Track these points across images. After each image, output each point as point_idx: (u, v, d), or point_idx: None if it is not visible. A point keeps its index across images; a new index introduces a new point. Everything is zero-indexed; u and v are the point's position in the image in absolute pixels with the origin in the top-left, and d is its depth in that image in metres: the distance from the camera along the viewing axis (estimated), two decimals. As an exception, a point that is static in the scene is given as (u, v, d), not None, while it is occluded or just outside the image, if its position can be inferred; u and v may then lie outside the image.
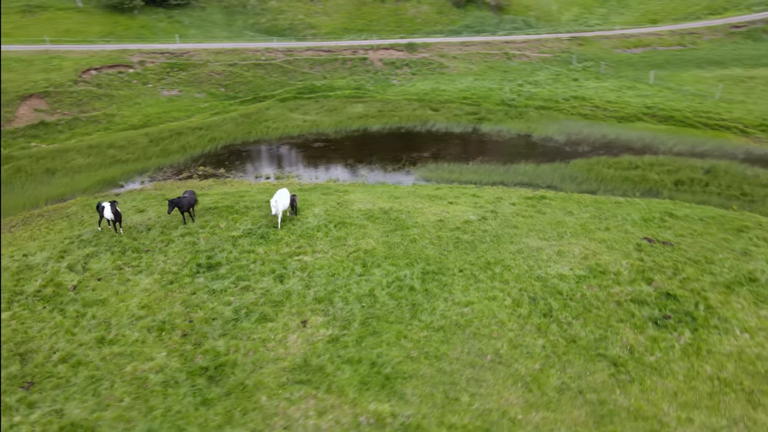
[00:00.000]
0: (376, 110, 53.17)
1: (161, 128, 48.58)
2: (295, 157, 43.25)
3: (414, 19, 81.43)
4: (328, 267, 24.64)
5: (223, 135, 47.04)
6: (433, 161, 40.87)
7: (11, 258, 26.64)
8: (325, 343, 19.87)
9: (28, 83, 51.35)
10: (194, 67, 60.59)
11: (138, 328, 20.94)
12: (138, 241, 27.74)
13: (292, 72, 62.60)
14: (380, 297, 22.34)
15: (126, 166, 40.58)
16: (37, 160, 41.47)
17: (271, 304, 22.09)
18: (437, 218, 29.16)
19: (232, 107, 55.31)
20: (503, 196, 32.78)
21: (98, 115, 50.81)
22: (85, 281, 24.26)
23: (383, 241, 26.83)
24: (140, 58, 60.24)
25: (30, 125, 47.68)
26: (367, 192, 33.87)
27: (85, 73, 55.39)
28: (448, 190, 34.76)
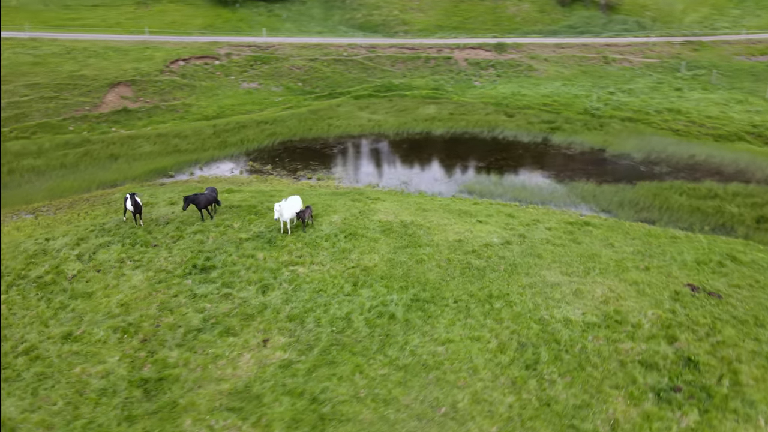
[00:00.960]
0: (447, 113, 50.73)
1: (229, 120, 49.39)
2: (344, 158, 42.10)
3: (513, 18, 77.35)
4: (317, 282, 23.16)
5: (284, 131, 46.92)
6: (485, 172, 37.99)
7: (35, 241, 27.65)
8: (276, 368, 18.42)
9: (118, 71, 54.36)
10: (277, 61, 61.32)
11: (106, 327, 20.67)
12: (152, 234, 27.83)
13: (372, 69, 61.52)
14: (355, 322, 20.51)
15: (181, 157, 41.51)
16: (106, 145, 43.57)
17: (242, 317, 20.99)
18: (457, 238, 26.65)
19: (305, 102, 55.26)
20: (542, 219, 29.47)
21: (177, 104, 52.72)
22: (85, 272, 24.55)
23: (388, 259, 24.87)
24: (228, 50, 61.94)
25: (114, 111, 50.36)
26: (397, 201, 31.90)
27: (173, 63, 57.79)
28: (486, 206, 31.93)
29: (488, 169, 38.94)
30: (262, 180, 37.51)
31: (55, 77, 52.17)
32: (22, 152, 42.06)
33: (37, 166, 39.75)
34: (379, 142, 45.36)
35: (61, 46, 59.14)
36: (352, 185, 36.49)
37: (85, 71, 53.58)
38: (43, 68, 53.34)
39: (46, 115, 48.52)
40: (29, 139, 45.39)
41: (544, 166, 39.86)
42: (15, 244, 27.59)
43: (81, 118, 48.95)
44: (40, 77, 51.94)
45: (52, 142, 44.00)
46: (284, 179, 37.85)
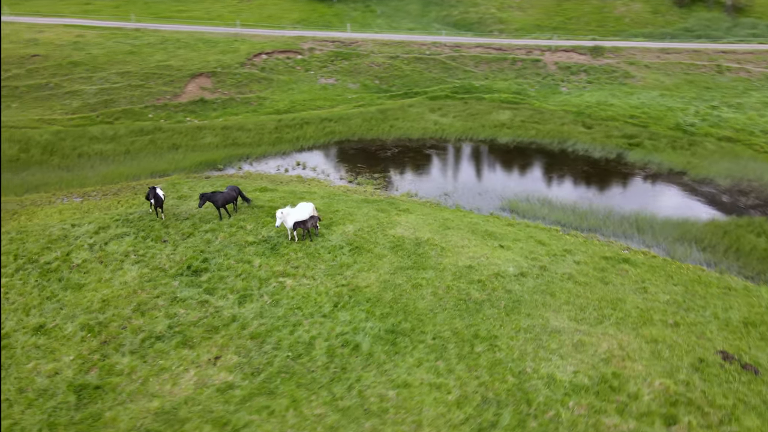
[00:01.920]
0: (519, 120, 47.19)
1: (296, 116, 49.19)
2: (393, 162, 40.21)
3: (621, 19, 70.90)
4: (299, 297, 21.76)
5: (344, 130, 45.89)
6: (537, 189, 34.53)
7: (62, 226, 28.51)
8: (213, 390, 17.27)
9: (202, 63, 56.06)
10: (357, 57, 60.44)
11: (78, 323, 20.56)
12: (168, 229, 27.79)
13: (454, 69, 58.82)
14: (316, 349, 18.88)
15: (236, 150, 41.73)
16: (172, 135, 44.83)
17: (206, 329, 20.07)
18: (468, 263, 24.07)
19: (378, 101, 53.92)
20: (575, 250, 25.97)
21: (252, 97, 53.44)
22: (89, 262, 24.83)
23: (384, 280, 22.92)
24: (311, 45, 62.01)
25: (191, 101, 51.96)
26: (425, 215, 29.64)
27: (256, 56, 58.73)
28: (519, 228, 28.83)
29: (541, 185, 35.40)
30: (302, 180, 36.66)
31: (144, 66, 54.78)
32: (98, 136, 44.26)
33: (104, 151, 41.65)
34: (437, 148, 43.01)
35: (159, 36, 62.16)
36: (389, 193, 34.63)
37: (172, 61, 55.81)
38: (135, 57, 56.23)
39: (131, 102, 50.97)
40: (112, 124, 47.82)
41: (607, 186, 35.61)
42: (44, 227, 28.61)
43: (161, 106, 50.94)
44: (132, 66, 54.76)
45: (128, 129, 46.00)
46: (323, 181, 36.76)
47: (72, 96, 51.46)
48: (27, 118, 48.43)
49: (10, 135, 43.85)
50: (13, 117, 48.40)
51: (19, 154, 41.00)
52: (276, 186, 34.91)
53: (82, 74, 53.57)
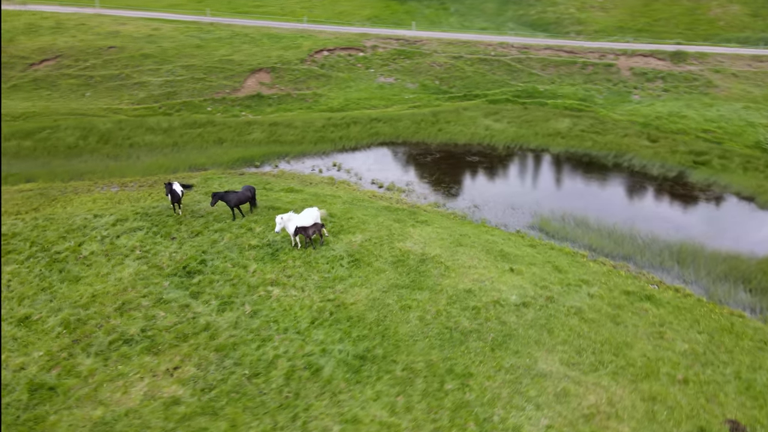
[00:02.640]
0: (578, 129, 43.91)
1: (346, 114, 48.40)
2: (431, 168, 38.40)
3: (715, 22, 64.70)
4: (280, 310, 20.83)
5: (389, 131, 44.56)
6: (575, 207, 31.62)
7: (85, 216, 29.09)
8: (159, 404, 16.65)
9: (264, 58, 56.51)
10: (420, 56, 58.79)
11: (61, 317, 20.66)
12: (181, 225, 27.73)
13: (519, 72, 55.83)
14: (276, 369, 17.86)
15: (277, 147, 41.52)
16: (221, 129, 45.31)
17: (176, 335, 19.56)
18: (469, 287, 22.19)
19: (435, 102, 52.13)
20: (593, 281, 23.32)
21: (308, 94, 53.24)
22: (95, 254, 25.07)
23: (373, 298, 21.54)
24: (375, 42, 61.00)
25: (249, 96, 52.48)
26: (442, 229, 27.84)
27: (317, 53, 58.50)
28: (541, 251, 26.40)
29: (582, 202, 32.46)
30: (332, 182, 35.72)
31: (209, 60, 55.93)
32: (153, 127, 45.41)
33: (154, 142, 42.68)
34: (481, 155, 40.75)
35: (229, 31, 63.36)
36: (416, 201, 32.98)
37: (235, 56, 56.66)
38: (202, 51, 57.56)
39: (192, 94, 52.20)
40: (170, 115, 49.08)
41: (656, 208, 32.12)
42: (70, 215, 29.31)
43: (219, 100, 51.79)
44: (197, 59, 56.09)
45: (183, 121, 46.94)
46: (353, 184, 35.64)
47: (140, 87, 53.38)
48: (96, 106, 50.69)
49: (77, 122, 45.92)
50: (84, 105, 50.83)
51: (78, 141, 42.74)
52: (303, 187, 34.23)
53: (150, 66, 55.47)
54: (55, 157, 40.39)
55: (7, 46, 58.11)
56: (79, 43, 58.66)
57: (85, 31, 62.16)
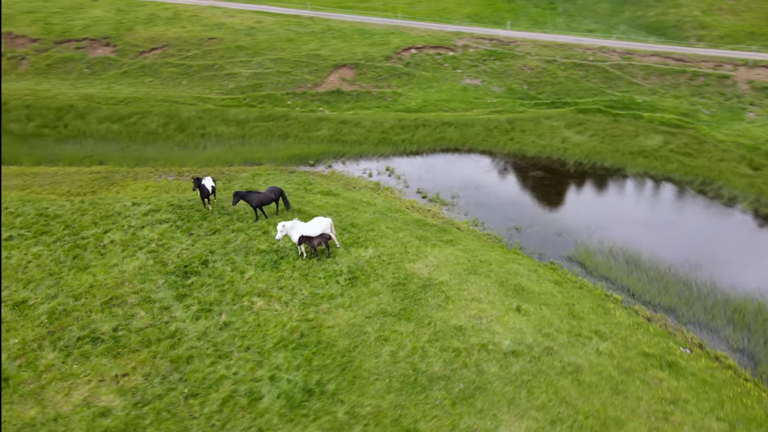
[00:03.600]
0: (668, 149, 38.71)
1: (419, 116, 46.48)
2: (485, 180, 35.51)
3: None
4: (254, 325, 19.90)
5: (457, 137, 42.07)
6: (630, 241, 27.56)
7: (125, 204, 29.91)
8: (89, 413, 16.33)
9: (349, 54, 55.92)
10: (511, 58, 55.19)
11: (52, 305, 21.12)
12: (205, 221, 27.71)
13: (616, 80, 50.50)
14: (215, 393, 16.91)
15: (336, 147, 40.74)
16: (291, 123, 45.35)
17: (142, 339, 19.24)
18: (461, 323, 19.87)
19: (519, 108, 48.61)
20: (609, 334, 19.91)
21: (388, 92, 51.92)
22: (115, 244, 25.62)
23: (353, 324, 19.95)
24: (466, 42, 58.22)
25: (329, 91, 52.20)
26: (463, 251, 25.41)
27: (405, 50, 56.90)
28: (562, 290, 23.14)
29: (638, 236, 28.25)
30: (376, 189, 34.17)
31: (296, 54, 56.36)
32: (230, 119, 46.41)
33: (224, 134, 43.56)
34: (546, 170, 37.14)
35: (324, 25, 63.57)
36: (452, 217, 30.55)
37: (322, 51, 56.60)
38: (292, 45, 58.15)
39: (276, 87, 52.88)
40: (253, 107, 49.98)
41: (730, 253, 27.05)
42: (114, 201, 30.29)
43: (300, 94, 51.99)
44: (286, 53, 56.73)
45: (260, 113, 47.52)
46: (396, 192, 33.86)
47: (230, 78, 54.98)
48: (188, 95, 52.86)
49: (166, 109, 48.05)
50: (179, 93, 53.17)
51: (158, 128, 44.69)
52: (344, 191, 33.07)
53: (243, 58, 56.96)
54: (134, 142, 42.45)
55: (123, 35, 62.35)
56: (185, 34, 61.63)
57: (195, 22, 65.20)
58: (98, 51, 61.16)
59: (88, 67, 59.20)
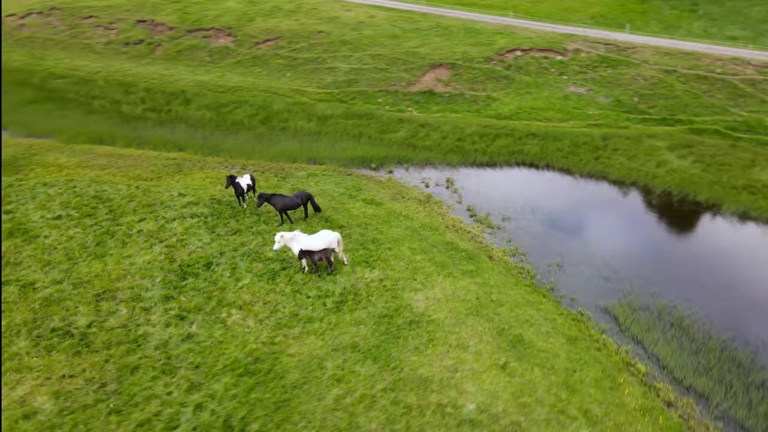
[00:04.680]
0: (787, 185, 31.95)
1: (506, 125, 42.96)
2: (546, 205, 31.41)
3: None
4: (216, 341, 19.08)
5: (536, 152, 38.12)
6: (689, 300, 22.73)
7: (173, 193, 30.53)
8: (18, 414, 16.30)
9: (448, 53, 53.25)
10: (625, 66, 49.11)
11: (52, 290, 21.63)
12: (232, 221, 27.47)
13: (746, 97, 42.77)
14: (136, 413, 16.25)
15: (406, 151, 38.81)
16: (369, 122, 44.09)
17: (106, 339, 19.20)
18: (430, 374, 17.41)
19: (621, 123, 43.13)
20: (600, 419, 16.27)
21: (481, 96, 48.71)
22: (140, 234, 26.05)
23: (315, 356, 18.33)
24: (579, 46, 52.87)
25: (420, 91, 50.16)
26: (476, 286, 22.51)
27: (509, 52, 53.01)
28: (573, 349, 19.47)
29: (699, 294, 23.19)
30: (425, 202, 31.73)
31: (396, 51, 54.79)
32: (315, 114, 46.17)
33: (302, 129, 43.35)
34: (622, 199, 32.25)
35: (434, 22, 61.25)
36: (491, 243, 27.35)
37: (422, 49, 54.44)
38: (394, 41, 56.63)
39: (369, 84, 51.91)
40: (345, 102, 49.51)
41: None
42: (166, 189, 31.05)
43: (392, 92, 50.53)
44: (386, 49, 55.41)
45: (345, 110, 46.81)
46: (445, 207, 31.19)
47: (330, 72, 54.94)
48: (288, 87, 53.67)
49: (261, 100, 49.09)
50: (280, 85, 54.13)
51: (245, 119, 45.55)
52: (388, 201, 31.20)
53: (345, 53, 56.62)
54: (218, 131, 43.65)
55: (244, 26, 64.82)
56: (298, 27, 62.65)
57: (311, 15, 66.12)
58: (220, 40, 64.14)
59: (209, 55, 62.30)
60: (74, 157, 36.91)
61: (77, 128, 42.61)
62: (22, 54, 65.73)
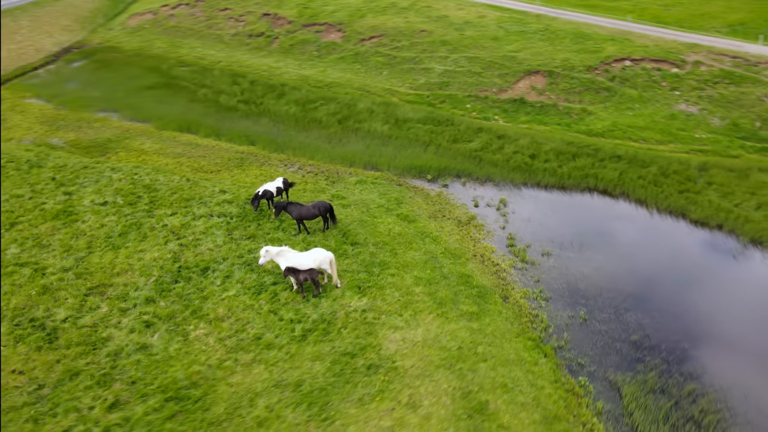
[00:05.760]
0: None
1: (591, 143, 37.95)
2: (600, 242, 26.74)
3: None
4: (166, 357, 18.45)
5: (611, 177, 33.02)
6: (716, 384, 17.86)
7: (217, 188, 30.55)
8: (-24, 398, 16.58)
9: (547, 59, 48.42)
10: (750, 84, 41.18)
11: (54, 278, 22.22)
12: (255, 222, 26.87)
13: None
14: (54, 424, 15.67)
15: (468, 164, 35.69)
16: (447, 130, 41.28)
17: (71, 337, 19.51)
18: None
19: (733, 151, 36.21)
20: None
21: (575, 109, 43.69)
22: (165, 229, 26.24)
23: (251, 391, 17.03)
24: (700, 57, 45.37)
25: (511, 99, 46.24)
26: (468, 332, 19.52)
27: (616, 61, 46.96)
28: (538, 428, 15.89)
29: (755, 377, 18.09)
30: (463, 224, 28.62)
31: (493, 54, 50.95)
32: (393, 116, 44.15)
33: (374, 132, 41.56)
34: (693, 245, 26.69)
35: (544, 24, 56.20)
36: (517, 281, 23.74)
37: (521, 53, 50.01)
38: (494, 44, 52.69)
39: (460, 88, 48.92)
40: (433, 106, 47.06)
41: None
42: (210, 185, 31.13)
43: (482, 98, 47.15)
44: (484, 52, 51.76)
45: (425, 114, 44.10)
46: (483, 233, 27.83)
47: (424, 73, 52.67)
48: (381, 86, 52.29)
49: (348, 98, 48.09)
50: (375, 83, 52.85)
51: (323, 117, 44.60)
52: (424, 219, 28.70)
53: (442, 53, 53.91)
54: (294, 128, 43.13)
55: (354, 22, 64.34)
56: (403, 25, 60.84)
57: (421, 13, 63.95)
58: (331, 35, 64.26)
59: (317, 50, 62.68)
60: (157, 144, 38.51)
61: (173, 115, 44.33)
62: (164, 42, 70.40)
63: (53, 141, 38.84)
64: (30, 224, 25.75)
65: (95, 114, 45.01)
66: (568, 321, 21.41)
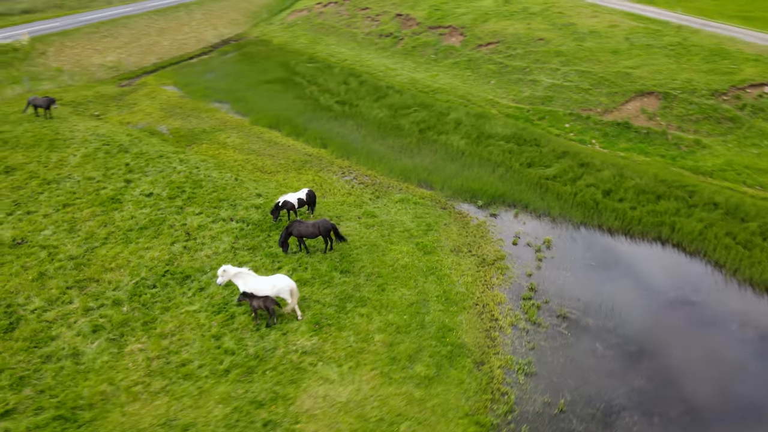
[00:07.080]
0: None
1: (693, 183, 30.48)
2: (638, 306, 20.99)
3: None
4: (90, 369, 17.71)
5: (689, 228, 26.05)
6: None
7: (254, 191, 29.73)
8: None
9: (667, 79, 40.32)
10: None
11: (55, 265, 22.43)
12: (265, 233, 25.65)
13: None
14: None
15: (528, 194, 30.76)
16: (525, 152, 36.36)
17: (30, 331, 19.06)
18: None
19: None
20: None
21: (687, 139, 35.80)
22: (182, 227, 25.87)
23: (138, 429, 15.39)
24: None
25: (614, 122, 39.42)
26: (403, 403, 16.09)
27: (753, 86, 37.52)
28: None
29: None
30: (489, 263, 24.30)
31: (606, 70, 43.81)
32: (478, 130, 40.11)
33: (451, 146, 37.69)
34: (753, 327, 19.73)
35: (680, 37, 47.05)
36: (505, 344, 19.35)
37: (637, 70, 42.25)
38: (611, 58, 45.24)
39: (564, 104, 43.10)
40: (530, 122, 42.14)
41: None
42: (253, 186, 30.45)
43: (584, 118, 40.97)
44: (598, 66, 44.78)
45: (511, 132, 39.18)
46: (504, 278, 23.38)
47: (531, 85, 47.44)
48: (484, 96, 48.23)
49: (446, 107, 44.84)
50: (480, 92, 48.88)
51: (407, 124, 41.67)
52: (446, 253, 25.07)
53: (554, 65, 47.96)
54: (374, 133, 40.45)
55: (477, 26, 60.18)
56: (523, 31, 55.47)
57: (548, 20, 57.90)
58: (451, 39, 60.97)
59: (435, 53, 59.88)
60: (240, 139, 38.86)
61: (271, 111, 44.23)
62: (307, 38, 72.13)
63: (160, 128, 40.84)
64: (78, 208, 26.98)
65: (209, 104, 46.64)
66: (539, 409, 16.86)
